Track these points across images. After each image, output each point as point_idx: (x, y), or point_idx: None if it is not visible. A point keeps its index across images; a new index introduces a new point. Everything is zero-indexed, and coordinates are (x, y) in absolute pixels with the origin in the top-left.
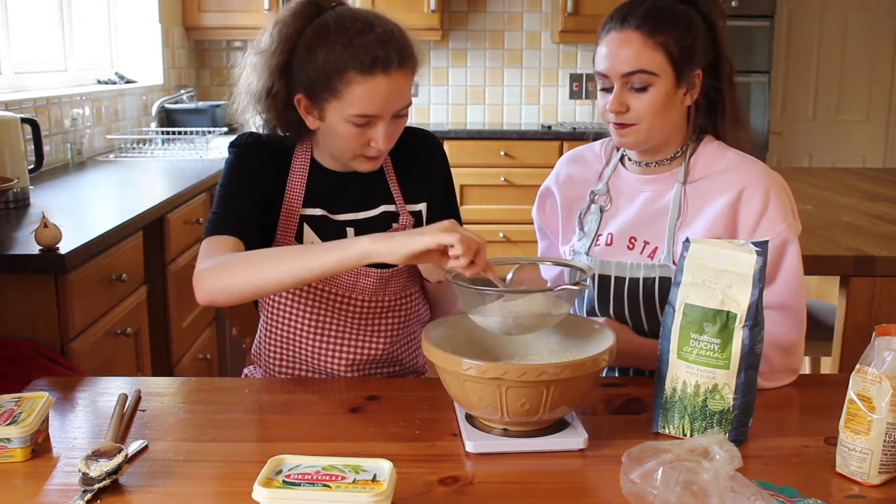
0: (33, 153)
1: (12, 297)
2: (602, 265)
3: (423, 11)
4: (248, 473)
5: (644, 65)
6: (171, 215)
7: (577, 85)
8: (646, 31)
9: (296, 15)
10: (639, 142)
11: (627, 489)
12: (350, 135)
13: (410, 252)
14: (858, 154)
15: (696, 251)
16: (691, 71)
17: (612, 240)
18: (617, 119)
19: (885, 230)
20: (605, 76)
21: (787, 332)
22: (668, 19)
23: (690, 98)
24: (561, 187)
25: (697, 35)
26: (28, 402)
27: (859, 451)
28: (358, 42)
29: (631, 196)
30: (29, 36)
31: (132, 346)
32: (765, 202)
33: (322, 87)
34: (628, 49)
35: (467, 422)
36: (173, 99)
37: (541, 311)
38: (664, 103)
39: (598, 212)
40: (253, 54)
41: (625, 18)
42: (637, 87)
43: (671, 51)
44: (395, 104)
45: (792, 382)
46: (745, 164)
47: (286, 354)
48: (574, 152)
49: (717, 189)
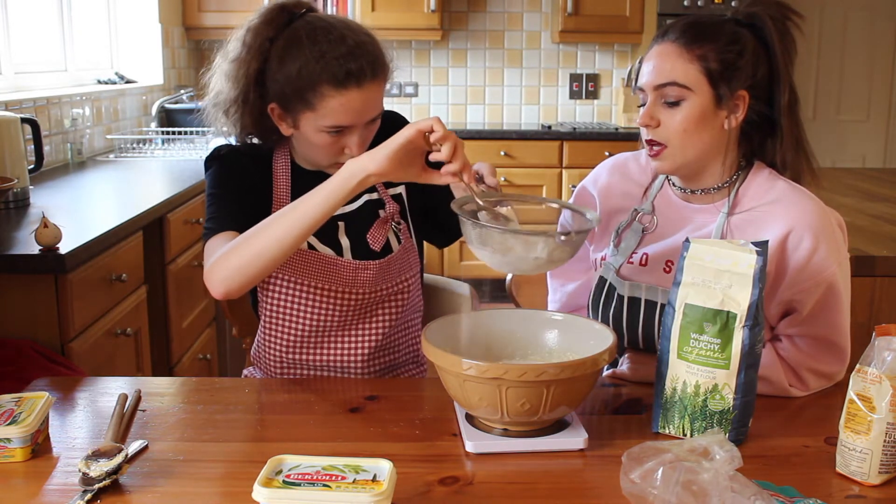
0: (33, 153)
1: (12, 297)
2: (632, 287)
3: (423, 11)
4: (248, 473)
5: (677, 77)
6: (171, 215)
7: (577, 85)
8: (683, 43)
9: (267, 22)
10: (675, 166)
11: (627, 489)
12: (324, 143)
13: (398, 147)
14: (858, 154)
15: (696, 251)
16: (733, 91)
17: (646, 260)
18: (648, 135)
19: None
20: (641, 89)
21: (828, 365)
22: (708, 32)
23: (734, 122)
24: (600, 194)
25: (743, 53)
26: (28, 402)
27: (859, 451)
28: (331, 56)
29: (676, 222)
30: (29, 36)
31: (132, 346)
32: (814, 245)
33: (296, 98)
34: (664, 60)
35: (467, 422)
36: (173, 99)
37: (538, 255)
38: (698, 122)
39: (640, 231)
40: (225, 62)
41: (667, 31)
42: (670, 101)
43: (709, 65)
44: (369, 114)
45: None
46: (796, 197)
47: (285, 356)
48: (617, 160)
49: (765, 223)
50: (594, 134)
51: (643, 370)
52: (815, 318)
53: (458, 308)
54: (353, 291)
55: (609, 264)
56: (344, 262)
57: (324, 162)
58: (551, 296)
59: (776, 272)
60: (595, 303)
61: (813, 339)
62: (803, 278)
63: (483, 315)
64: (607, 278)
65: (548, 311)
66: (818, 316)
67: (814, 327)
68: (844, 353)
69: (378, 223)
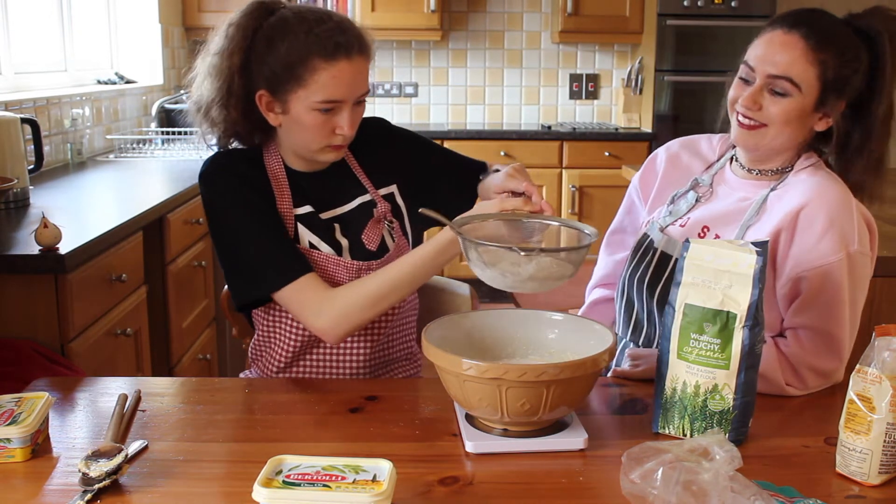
0: (33, 153)
1: (12, 297)
2: (668, 243)
3: (423, 11)
4: (248, 473)
5: (794, 74)
6: (171, 215)
7: (577, 85)
8: (811, 43)
9: (248, 15)
10: (761, 146)
11: (627, 489)
12: (315, 123)
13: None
14: None
15: (696, 251)
16: (837, 101)
17: (686, 223)
18: (746, 114)
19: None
20: (751, 68)
21: (826, 361)
22: (837, 42)
23: (823, 125)
24: (668, 161)
25: (859, 70)
26: (28, 402)
27: (859, 452)
28: (319, 30)
29: (727, 195)
30: (29, 36)
31: (132, 346)
32: (825, 228)
33: (286, 76)
34: (787, 53)
35: (467, 422)
36: (173, 99)
37: (532, 273)
38: (795, 118)
39: (694, 200)
40: (207, 57)
41: (797, 23)
42: (778, 91)
43: (826, 73)
44: (358, 89)
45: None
46: (824, 179)
47: (283, 355)
48: (690, 139)
49: (788, 194)
50: (594, 134)
51: (644, 366)
52: (814, 304)
53: (458, 308)
54: None
55: (655, 222)
56: (345, 262)
57: (314, 146)
58: (598, 264)
59: (784, 244)
60: (632, 257)
61: (813, 332)
62: (809, 259)
63: (483, 315)
64: (650, 234)
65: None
66: (818, 303)
67: (813, 315)
68: (843, 349)
69: (371, 223)
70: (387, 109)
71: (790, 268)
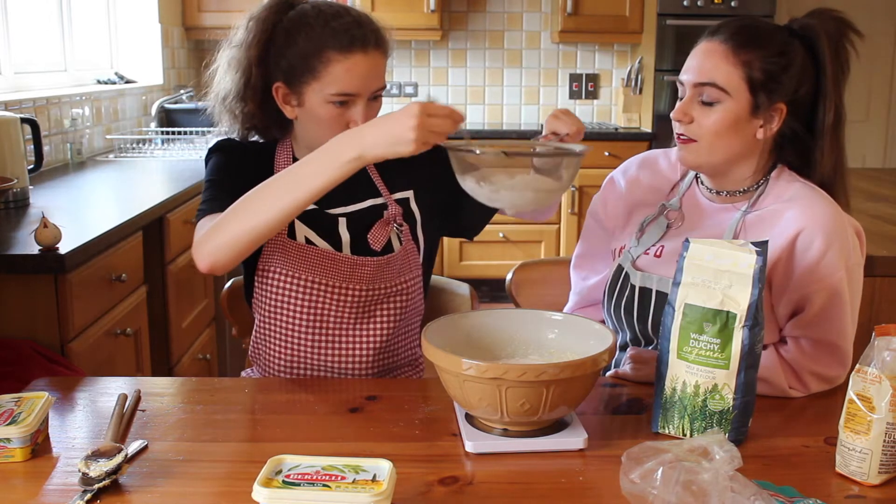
0: (33, 153)
1: (12, 297)
2: (644, 278)
3: (423, 11)
4: (248, 473)
5: (717, 79)
6: (171, 215)
7: (577, 85)
8: (731, 46)
9: (269, 9)
10: (699, 162)
11: (627, 489)
12: (330, 116)
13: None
14: (858, 154)
15: (695, 251)
16: (772, 102)
17: (661, 252)
18: (679, 129)
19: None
20: (681, 83)
21: (830, 368)
22: (758, 38)
23: (768, 132)
24: (628, 185)
25: (789, 66)
26: (28, 402)
27: (859, 451)
28: (335, 24)
29: (697, 219)
30: (29, 36)
31: (132, 346)
32: (825, 248)
33: (301, 68)
34: (708, 59)
35: (467, 422)
36: (173, 99)
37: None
38: (730, 126)
39: (665, 226)
40: (228, 49)
41: (717, 30)
42: (706, 100)
43: (752, 73)
44: (373, 83)
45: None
46: (811, 198)
47: (283, 354)
48: (647, 156)
49: (777, 221)
50: (594, 134)
51: (645, 370)
52: (819, 320)
53: (458, 308)
54: (350, 287)
55: (628, 253)
56: (342, 257)
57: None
58: (573, 290)
59: (784, 272)
60: (610, 291)
61: (816, 342)
62: (811, 280)
63: (483, 315)
64: (624, 267)
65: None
66: (823, 319)
67: (818, 330)
68: (847, 357)
69: (380, 224)
70: (387, 109)
71: (790, 291)
